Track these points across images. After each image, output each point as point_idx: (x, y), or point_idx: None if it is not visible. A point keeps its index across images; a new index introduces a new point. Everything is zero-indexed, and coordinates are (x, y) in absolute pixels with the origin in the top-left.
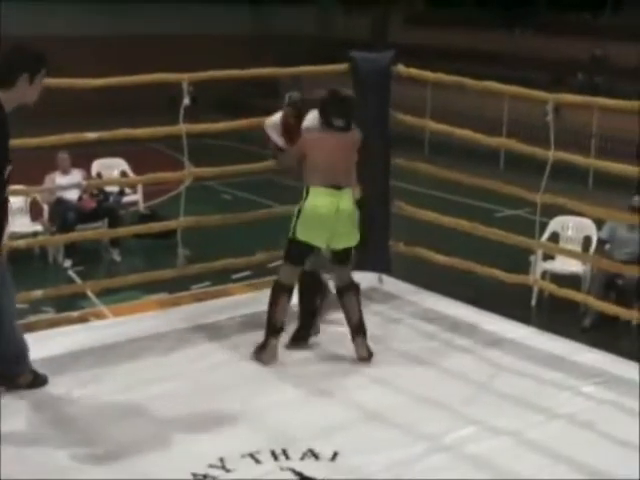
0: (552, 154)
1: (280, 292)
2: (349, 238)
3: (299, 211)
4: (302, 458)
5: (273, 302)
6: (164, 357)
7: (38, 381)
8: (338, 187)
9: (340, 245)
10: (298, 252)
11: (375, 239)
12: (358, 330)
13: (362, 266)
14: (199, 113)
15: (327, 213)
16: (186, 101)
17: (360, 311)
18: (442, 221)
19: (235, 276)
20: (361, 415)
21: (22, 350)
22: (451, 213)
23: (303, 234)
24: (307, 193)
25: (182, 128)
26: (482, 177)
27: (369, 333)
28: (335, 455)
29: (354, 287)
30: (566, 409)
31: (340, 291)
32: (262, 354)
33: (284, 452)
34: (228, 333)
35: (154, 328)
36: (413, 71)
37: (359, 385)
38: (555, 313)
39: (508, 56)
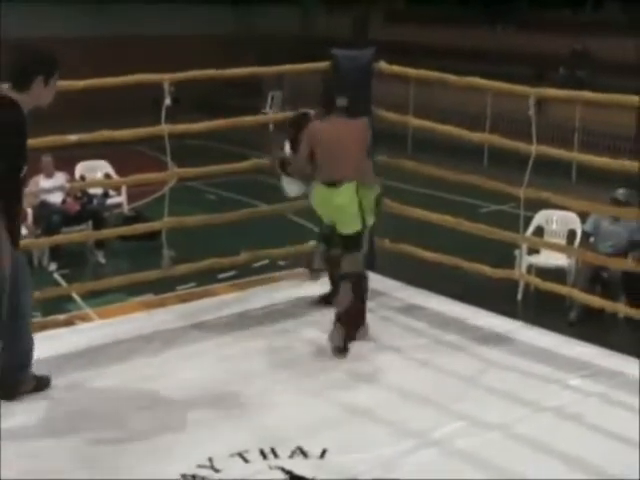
0: (534, 148)
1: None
2: (348, 226)
3: None
4: (291, 456)
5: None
6: (152, 358)
7: (41, 384)
8: (332, 183)
9: (342, 230)
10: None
11: None
12: (339, 319)
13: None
14: (182, 114)
15: (323, 208)
16: (167, 102)
17: (349, 302)
18: (427, 217)
19: (221, 276)
20: (349, 412)
21: (29, 352)
22: (435, 209)
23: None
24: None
25: (164, 129)
26: (466, 173)
27: None
28: (324, 453)
29: (353, 278)
30: (553, 402)
31: (341, 276)
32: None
33: (273, 451)
34: (215, 333)
35: (141, 329)
36: (395, 68)
37: (347, 382)
38: (541, 307)
39: (491, 52)
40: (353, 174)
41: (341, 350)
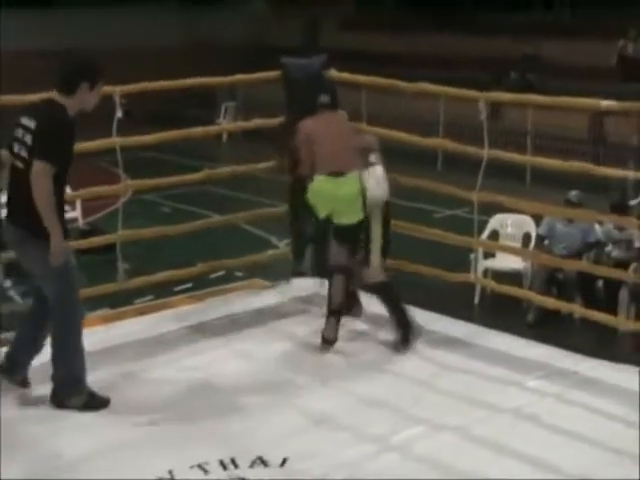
0: (486, 152)
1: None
2: (349, 216)
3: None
4: (251, 466)
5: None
6: (111, 372)
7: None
8: (339, 174)
9: (341, 220)
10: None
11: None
12: (334, 312)
13: (303, 272)
14: (136, 126)
15: (324, 200)
16: (119, 114)
17: (342, 295)
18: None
19: (178, 288)
20: (309, 420)
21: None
22: (390, 215)
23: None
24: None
25: (116, 141)
26: (420, 178)
27: (316, 338)
28: (284, 461)
29: (345, 270)
30: (511, 404)
31: (332, 269)
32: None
33: (233, 461)
34: (172, 345)
35: (99, 344)
36: (345, 75)
37: (306, 390)
38: (498, 310)
39: (448, 58)
40: (356, 164)
41: (331, 342)
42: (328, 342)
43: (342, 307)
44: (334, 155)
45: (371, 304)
